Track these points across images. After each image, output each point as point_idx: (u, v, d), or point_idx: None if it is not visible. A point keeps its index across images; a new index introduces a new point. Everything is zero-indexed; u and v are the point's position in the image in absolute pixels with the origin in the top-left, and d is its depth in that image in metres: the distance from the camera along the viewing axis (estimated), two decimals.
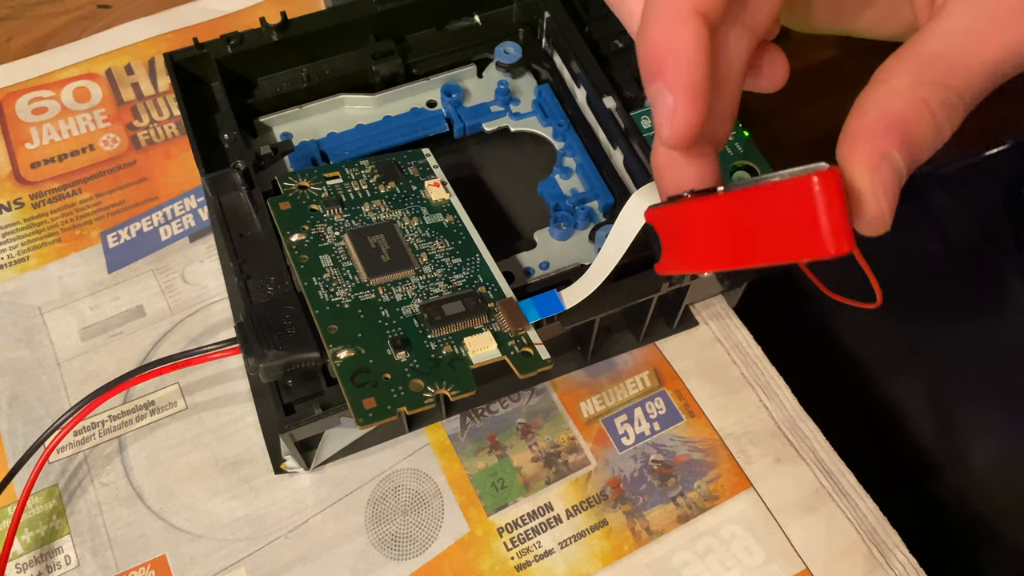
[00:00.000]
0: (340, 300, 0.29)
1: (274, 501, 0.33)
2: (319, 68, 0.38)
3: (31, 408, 0.35)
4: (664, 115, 0.21)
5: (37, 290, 0.38)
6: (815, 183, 0.19)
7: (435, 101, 0.38)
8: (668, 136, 0.21)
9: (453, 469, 0.34)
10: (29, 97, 0.44)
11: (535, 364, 0.29)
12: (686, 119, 0.21)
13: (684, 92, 0.21)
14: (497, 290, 0.31)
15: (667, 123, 0.21)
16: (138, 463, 0.34)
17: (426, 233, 0.32)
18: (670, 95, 0.21)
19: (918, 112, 0.20)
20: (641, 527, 0.33)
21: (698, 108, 0.21)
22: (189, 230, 0.40)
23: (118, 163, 0.42)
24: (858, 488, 0.33)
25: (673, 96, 0.21)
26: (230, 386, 0.36)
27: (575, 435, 0.34)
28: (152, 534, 0.32)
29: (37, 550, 0.32)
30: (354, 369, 0.28)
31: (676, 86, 0.21)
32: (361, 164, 0.34)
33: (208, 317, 0.37)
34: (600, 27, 0.38)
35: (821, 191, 0.19)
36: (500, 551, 0.32)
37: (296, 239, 0.31)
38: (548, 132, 0.38)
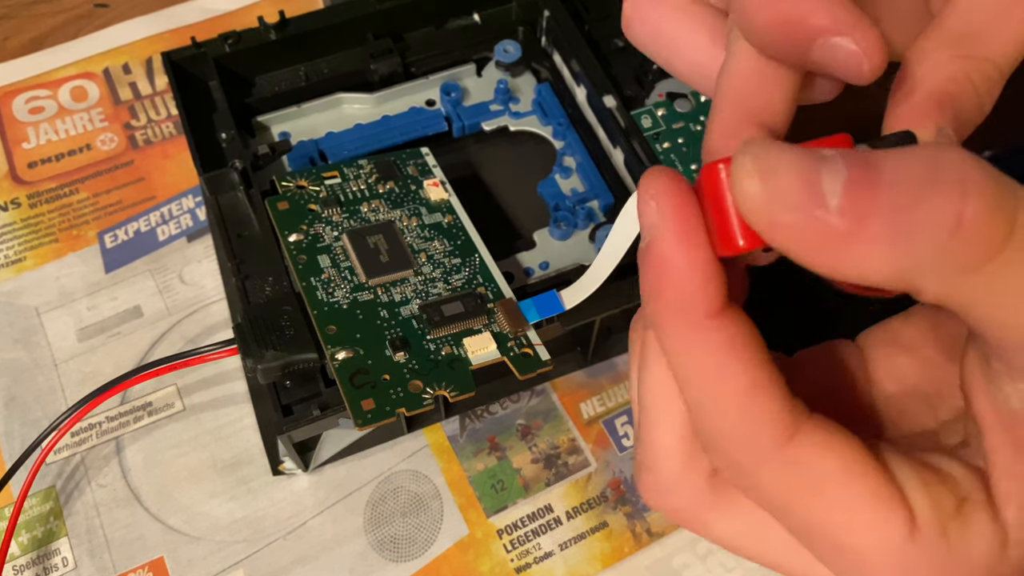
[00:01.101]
0: (339, 300, 0.29)
1: (272, 503, 0.33)
2: (317, 67, 0.38)
3: (28, 409, 0.35)
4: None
5: (34, 290, 0.38)
6: (720, 169, 0.18)
7: (434, 100, 0.38)
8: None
9: (452, 471, 0.33)
10: (26, 96, 0.44)
11: (535, 365, 0.29)
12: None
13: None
14: (497, 290, 0.31)
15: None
16: (136, 464, 0.34)
17: (425, 233, 0.32)
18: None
19: (962, 86, 0.19)
20: (642, 529, 0.32)
21: None
22: (187, 230, 0.39)
23: (115, 163, 0.41)
24: None
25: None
26: (228, 387, 0.35)
27: (575, 436, 0.34)
28: (150, 536, 0.32)
29: (34, 552, 0.32)
30: (353, 370, 0.27)
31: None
32: (360, 164, 0.34)
33: (206, 318, 0.37)
34: (600, 26, 0.38)
35: (724, 179, 0.18)
36: (500, 553, 0.32)
37: (294, 239, 0.31)
38: (548, 131, 0.38)
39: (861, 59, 0.19)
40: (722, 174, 0.18)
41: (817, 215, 0.16)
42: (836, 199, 0.16)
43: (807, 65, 0.20)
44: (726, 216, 0.18)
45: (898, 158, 0.16)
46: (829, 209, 0.16)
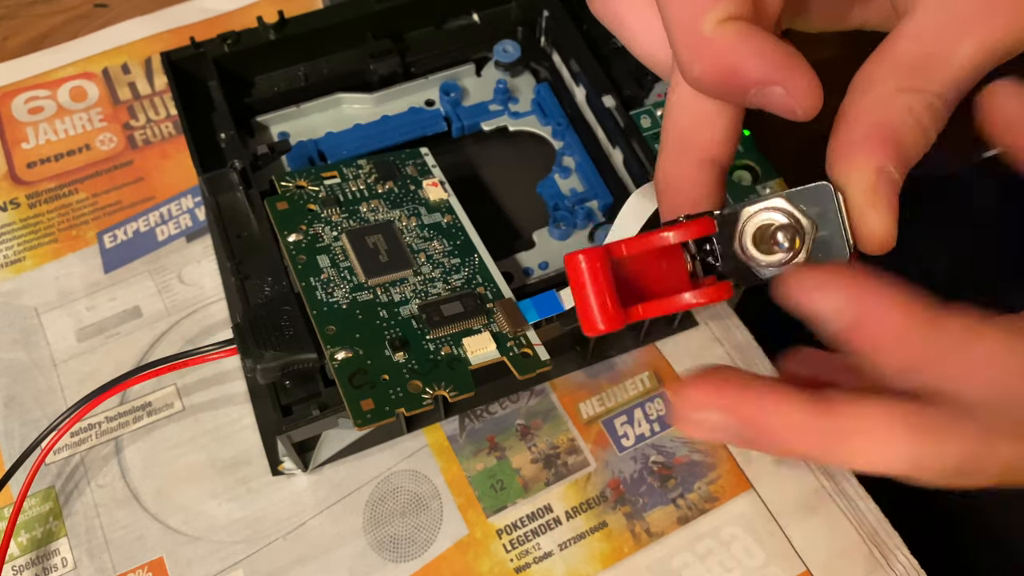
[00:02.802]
0: (338, 301, 0.29)
1: (272, 503, 0.33)
2: (317, 67, 0.38)
3: (27, 409, 0.35)
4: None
5: (33, 291, 0.38)
6: (580, 260, 0.20)
7: (433, 100, 0.38)
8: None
9: (452, 471, 0.33)
10: (25, 96, 0.44)
11: (534, 365, 0.29)
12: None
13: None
14: (496, 290, 0.31)
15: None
16: (135, 465, 0.34)
17: (424, 233, 0.32)
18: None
19: (905, 121, 0.19)
20: (641, 529, 0.32)
21: None
22: (186, 230, 0.39)
23: (115, 163, 0.41)
24: (859, 489, 0.33)
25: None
26: (227, 387, 0.35)
27: (574, 436, 0.34)
28: (149, 536, 0.32)
29: (34, 552, 0.32)
30: (352, 370, 0.27)
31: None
32: (359, 164, 0.34)
33: (205, 318, 0.37)
34: (599, 26, 0.38)
35: (584, 268, 0.20)
36: (499, 553, 0.32)
37: (293, 239, 0.31)
38: (547, 131, 0.38)
39: (794, 106, 0.19)
40: (582, 264, 0.20)
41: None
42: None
43: (745, 105, 0.21)
44: (587, 301, 0.20)
45: None
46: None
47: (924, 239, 0.41)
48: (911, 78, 0.20)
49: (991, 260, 0.41)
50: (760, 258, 0.20)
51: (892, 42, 0.20)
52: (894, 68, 0.20)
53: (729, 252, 0.21)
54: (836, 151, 0.20)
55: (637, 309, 0.21)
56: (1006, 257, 0.40)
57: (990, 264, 0.41)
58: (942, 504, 0.36)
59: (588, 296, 0.20)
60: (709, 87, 0.20)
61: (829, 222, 0.20)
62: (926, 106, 0.19)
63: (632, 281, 0.21)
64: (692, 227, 0.20)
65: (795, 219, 0.20)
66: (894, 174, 0.19)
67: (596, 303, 0.20)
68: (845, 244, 0.20)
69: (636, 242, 0.21)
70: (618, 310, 0.20)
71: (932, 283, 0.40)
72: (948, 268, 0.41)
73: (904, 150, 0.19)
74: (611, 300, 0.20)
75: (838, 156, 0.20)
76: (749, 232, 0.20)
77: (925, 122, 0.20)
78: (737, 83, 0.20)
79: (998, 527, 0.35)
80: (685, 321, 0.37)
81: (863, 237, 0.20)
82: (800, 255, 0.20)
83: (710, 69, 0.20)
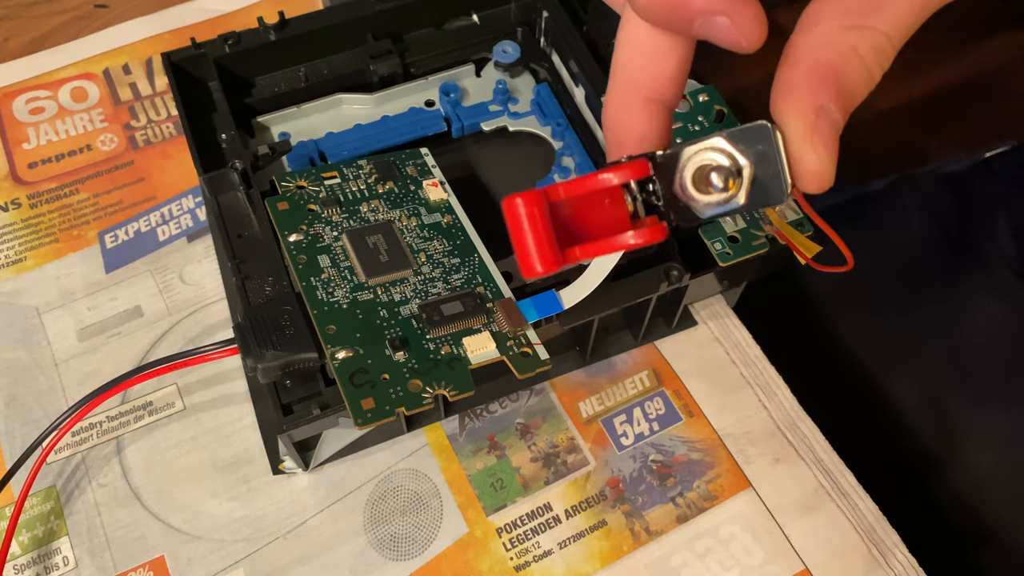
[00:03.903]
0: (338, 300, 0.29)
1: (272, 502, 0.33)
2: (317, 68, 0.38)
3: (29, 409, 0.35)
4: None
5: (34, 291, 0.38)
6: (518, 203, 0.20)
7: (433, 101, 0.38)
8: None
9: (452, 469, 0.34)
10: (26, 97, 0.44)
11: (534, 364, 0.29)
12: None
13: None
14: (496, 290, 0.31)
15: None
16: (136, 464, 0.34)
17: (424, 233, 0.32)
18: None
19: (848, 60, 0.19)
20: (640, 527, 0.33)
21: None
22: (187, 230, 0.40)
23: (115, 163, 0.42)
24: (857, 488, 0.33)
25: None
26: (228, 387, 0.35)
27: (574, 435, 0.34)
28: (150, 535, 0.32)
29: (35, 551, 0.32)
30: (352, 369, 0.28)
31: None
32: (359, 164, 0.34)
33: (206, 317, 0.37)
34: (599, 26, 0.38)
35: (521, 211, 0.20)
36: (499, 551, 0.32)
37: (294, 239, 0.31)
38: (547, 131, 0.38)
39: (739, 38, 0.19)
40: (520, 207, 0.20)
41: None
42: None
43: (693, 37, 0.21)
44: (525, 244, 0.20)
45: None
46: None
47: (924, 228, 0.41)
48: (856, 16, 0.19)
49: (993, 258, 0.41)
50: (700, 198, 0.20)
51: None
52: (840, 5, 0.20)
53: (670, 193, 0.21)
54: (778, 89, 0.20)
55: (575, 251, 0.21)
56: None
57: (991, 264, 0.41)
58: (941, 503, 0.36)
59: (526, 238, 0.20)
60: (655, 16, 0.21)
61: (768, 160, 0.20)
62: (871, 45, 0.19)
63: (572, 224, 0.21)
64: (627, 169, 0.21)
65: (734, 159, 0.20)
66: (835, 112, 0.19)
67: (534, 245, 0.20)
68: (783, 183, 0.20)
69: (574, 184, 0.21)
70: (555, 252, 0.20)
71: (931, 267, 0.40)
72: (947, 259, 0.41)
73: (847, 90, 0.19)
74: (548, 242, 0.20)
75: (779, 94, 0.20)
76: (689, 172, 0.20)
77: (870, 62, 0.19)
78: (683, 12, 0.20)
79: (997, 526, 0.35)
80: (684, 321, 0.37)
81: (801, 176, 0.20)
82: (739, 196, 0.20)
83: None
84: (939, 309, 0.40)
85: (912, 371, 0.38)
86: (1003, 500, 0.36)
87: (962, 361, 0.38)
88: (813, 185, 0.20)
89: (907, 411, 0.37)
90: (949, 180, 0.43)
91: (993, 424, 0.37)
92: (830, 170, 0.20)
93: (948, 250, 0.42)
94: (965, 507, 0.35)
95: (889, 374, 0.38)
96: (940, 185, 0.43)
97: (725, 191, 0.20)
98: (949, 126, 0.43)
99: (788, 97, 0.19)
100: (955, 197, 0.42)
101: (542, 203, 0.20)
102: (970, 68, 0.45)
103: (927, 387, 0.38)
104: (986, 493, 0.36)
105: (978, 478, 0.36)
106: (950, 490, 0.36)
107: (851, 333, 0.39)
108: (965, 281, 0.41)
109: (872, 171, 0.43)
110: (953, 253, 0.41)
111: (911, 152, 0.43)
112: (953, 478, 0.36)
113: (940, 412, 0.37)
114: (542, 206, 0.20)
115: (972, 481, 0.36)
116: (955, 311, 0.40)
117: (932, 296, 0.40)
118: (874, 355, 0.38)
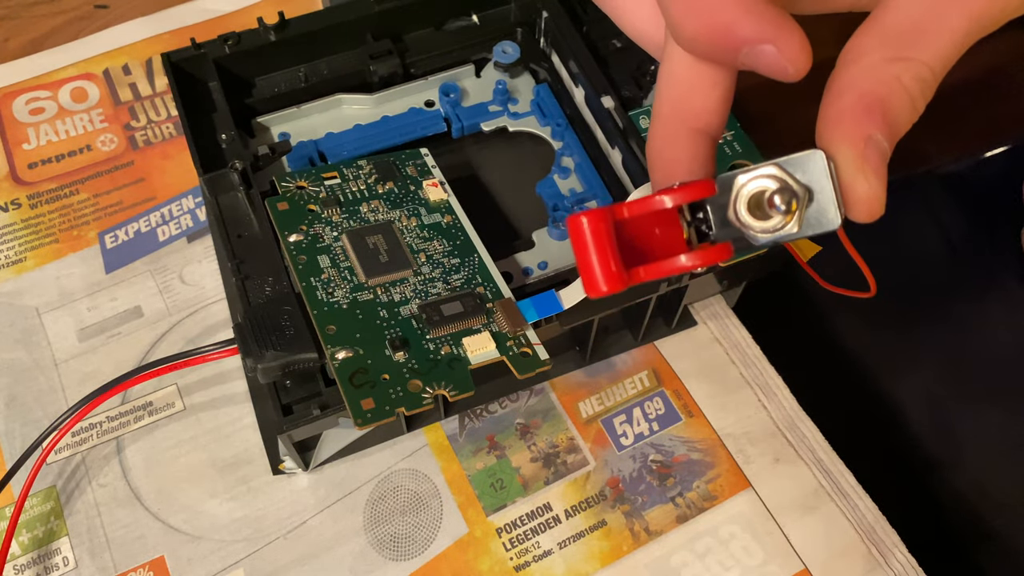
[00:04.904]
0: (338, 300, 0.29)
1: (272, 502, 0.33)
2: (317, 68, 0.38)
3: (29, 409, 0.35)
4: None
5: (34, 291, 0.38)
6: (583, 222, 0.20)
7: (433, 101, 0.38)
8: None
9: (452, 469, 0.34)
10: (26, 97, 0.44)
11: (534, 364, 0.29)
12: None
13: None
14: (496, 290, 0.31)
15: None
16: (136, 464, 0.34)
17: (424, 233, 0.32)
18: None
19: (893, 90, 0.20)
20: (640, 527, 0.33)
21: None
22: (187, 230, 0.40)
23: (116, 163, 0.42)
24: (857, 488, 0.33)
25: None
26: (228, 387, 0.36)
27: (574, 435, 0.34)
28: (150, 535, 0.32)
29: (35, 551, 0.32)
30: (352, 370, 0.28)
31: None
32: (359, 164, 0.34)
33: (206, 318, 0.37)
34: (598, 27, 0.38)
35: (586, 229, 0.20)
36: (499, 551, 0.32)
37: (294, 239, 0.31)
38: (546, 132, 0.38)
39: (786, 65, 0.20)
40: (585, 225, 0.20)
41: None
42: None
43: (737, 67, 0.21)
44: (589, 262, 0.20)
45: None
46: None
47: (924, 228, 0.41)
48: (899, 48, 0.20)
49: (993, 258, 0.41)
50: (755, 224, 0.21)
51: (880, 13, 0.20)
52: (882, 38, 0.20)
53: (723, 220, 0.21)
54: (825, 120, 0.20)
55: (639, 271, 0.21)
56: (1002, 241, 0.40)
57: (991, 264, 0.41)
58: (940, 503, 0.36)
59: (591, 257, 0.20)
60: (701, 47, 0.21)
61: (819, 190, 0.20)
62: (914, 76, 0.20)
63: (631, 245, 0.21)
64: (692, 189, 0.21)
65: (788, 186, 0.20)
66: (883, 143, 0.20)
67: (599, 264, 0.20)
68: (836, 211, 0.20)
69: (637, 204, 0.21)
70: (621, 271, 0.20)
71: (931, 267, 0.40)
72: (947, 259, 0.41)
73: (892, 120, 0.20)
74: (614, 261, 0.20)
75: (827, 125, 0.20)
76: (744, 199, 0.21)
77: (913, 92, 0.20)
78: (729, 42, 0.20)
79: (997, 526, 0.35)
80: (684, 321, 0.37)
81: (852, 204, 0.20)
82: (792, 223, 0.20)
83: (702, 28, 0.20)
84: (939, 309, 0.40)
85: (912, 371, 0.38)
86: (1003, 500, 0.36)
87: (962, 361, 0.38)
88: (864, 213, 0.20)
89: (907, 411, 0.37)
90: (949, 180, 0.43)
91: (993, 424, 0.37)
92: (882, 199, 0.20)
93: (947, 250, 0.42)
94: (965, 507, 0.35)
95: (889, 374, 0.38)
96: (940, 185, 0.43)
97: (785, 214, 0.20)
98: (949, 126, 0.43)
99: (837, 127, 0.20)
100: (955, 197, 0.42)
101: (608, 221, 0.20)
102: (970, 68, 0.45)
103: (927, 387, 0.38)
104: (986, 493, 0.36)
105: (978, 478, 0.36)
106: (950, 490, 0.36)
107: (851, 333, 0.39)
108: (965, 281, 0.41)
109: None
110: (953, 253, 0.41)
111: (911, 152, 0.43)
112: (953, 478, 0.36)
113: (940, 412, 0.37)
114: (608, 224, 0.20)
115: (972, 481, 0.36)
116: (955, 311, 0.40)
117: (932, 296, 0.40)
118: (874, 355, 0.38)
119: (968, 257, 0.41)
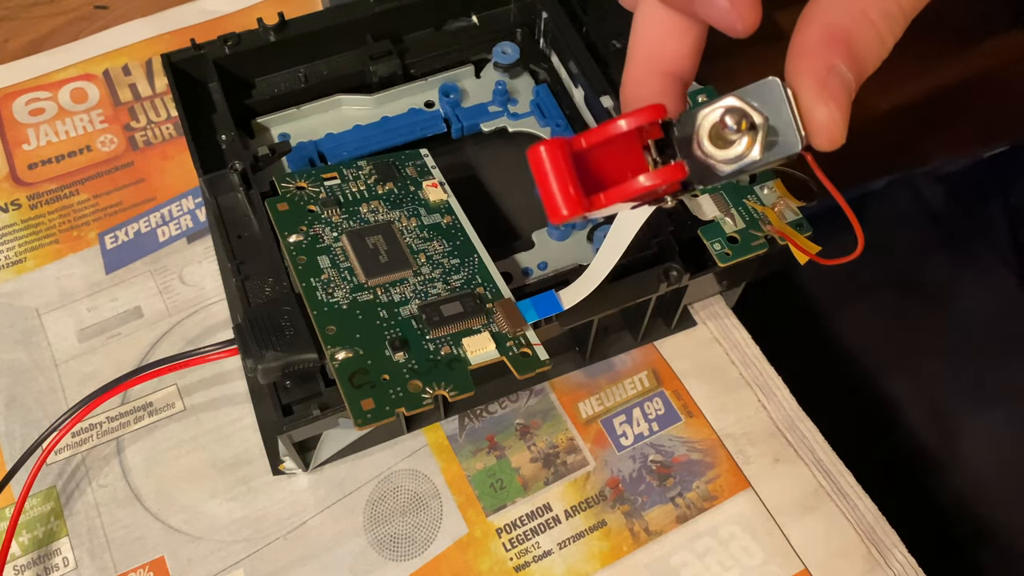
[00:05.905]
0: (338, 301, 0.29)
1: (272, 502, 0.33)
2: (317, 69, 0.38)
3: (29, 410, 0.35)
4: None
5: (35, 291, 0.38)
6: (542, 150, 0.20)
7: (433, 101, 0.38)
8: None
9: (452, 470, 0.34)
10: (26, 98, 0.44)
11: (533, 365, 0.29)
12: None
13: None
14: (495, 291, 0.31)
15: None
16: (136, 464, 0.34)
17: (424, 234, 0.32)
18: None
19: (859, 23, 0.20)
20: (640, 527, 0.33)
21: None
22: (187, 231, 0.40)
23: (115, 164, 0.42)
24: (857, 488, 0.33)
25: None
26: (228, 387, 0.36)
27: (574, 435, 0.34)
28: (150, 536, 0.32)
29: (35, 552, 0.32)
30: (352, 370, 0.28)
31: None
32: (359, 165, 0.34)
33: (206, 318, 0.37)
34: (598, 27, 0.38)
35: (545, 157, 0.20)
36: (499, 552, 0.32)
37: (294, 240, 0.31)
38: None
39: (735, 18, 0.21)
40: (543, 153, 0.21)
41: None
42: None
43: (696, 17, 0.22)
44: (550, 189, 0.21)
45: None
46: None
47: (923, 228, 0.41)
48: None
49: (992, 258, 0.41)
50: (717, 154, 0.21)
51: None
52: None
53: (688, 155, 0.21)
54: (791, 51, 0.21)
55: (599, 197, 0.21)
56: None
57: (991, 264, 0.41)
58: (940, 503, 0.36)
59: (551, 183, 0.21)
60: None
61: (777, 115, 0.20)
62: (881, 11, 0.20)
63: (595, 174, 0.22)
64: (645, 111, 0.21)
65: (747, 114, 0.20)
66: (846, 73, 0.20)
67: (559, 189, 0.21)
68: (796, 134, 0.20)
69: (595, 132, 0.22)
70: (580, 195, 0.21)
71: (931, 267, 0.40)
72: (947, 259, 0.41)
73: (858, 52, 0.20)
74: (573, 186, 0.21)
75: (792, 55, 0.21)
76: (705, 130, 0.21)
77: (880, 27, 0.20)
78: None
79: (997, 526, 0.35)
80: (684, 321, 0.37)
81: (813, 132, 0.20)
82: (754, 150, 0.20)
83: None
84: (938, 309, 0.40)
85: (911, 371, 0.38)
86: (1003, 500, 0.36)
87: (961, 361, 0.39)
88: (824, 140, 0.20)
89: (906, 411, 0.37)
90: (948, 180, 0.43)
91: (992, 424, 0.37)
92: (841, 126, 0.20)
93: (947, 250, 0.42)
94: (965, 507, 0.35)
95: (888, 374, 0.38)
96: (939, 185, 0.43)
97: (746, 143, 0.20)
98: (949, 126, 0.43)
99: (800, 57, 0.20)
100: (954, 197, 0.42)
101: (565, 149, 0.21)
102: (970, 68, 0.45)
103: (926, 387, 0.38)
104: (986, 493, 0.36)
105: (978, 478, 0.36)
106: (949, 490, 0.36)
107: (850, 333, 0.39)
108: (964, 281, 0.41)
109: (871, 171, 0.43)
110: (952, 253, 0.42)
111: (910, 152, 0.43)
112: (952, 478, 0.36)
113: (939, 412, 0.37)
114: (565, 152, 0.21)
115: (972, 481, 0.36)
116: (954, 311, 0.40)
117: (931, 296, 0.40)
118: (873, 355, 0.38)
119: (968, 257, 0.41)
